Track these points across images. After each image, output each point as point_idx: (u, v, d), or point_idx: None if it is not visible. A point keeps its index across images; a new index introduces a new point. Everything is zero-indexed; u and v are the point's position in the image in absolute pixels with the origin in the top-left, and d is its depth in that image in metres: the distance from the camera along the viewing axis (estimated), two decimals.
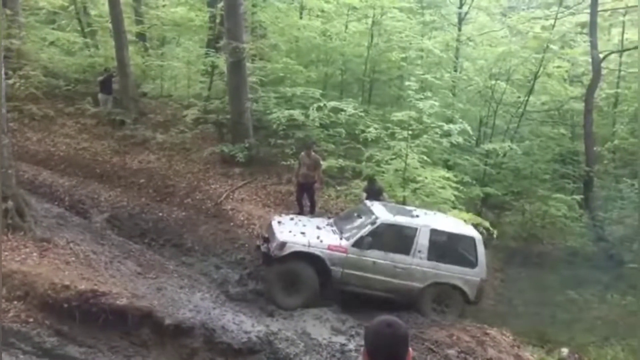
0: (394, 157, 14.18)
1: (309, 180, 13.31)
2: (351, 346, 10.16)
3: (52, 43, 21.08)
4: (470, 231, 11.25)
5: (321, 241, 10.73)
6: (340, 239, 10.86)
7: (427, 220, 11.15)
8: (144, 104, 18.65)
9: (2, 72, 10.99)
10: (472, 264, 10.91)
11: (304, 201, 13.66)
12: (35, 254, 10.47)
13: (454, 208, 13.86)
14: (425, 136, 14.14)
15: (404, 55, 17.19)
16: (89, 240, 11.62)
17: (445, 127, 14.22)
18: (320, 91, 16.55)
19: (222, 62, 17.38)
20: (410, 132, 13.63)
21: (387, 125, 14.60)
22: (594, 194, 19.25)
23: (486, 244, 11.92)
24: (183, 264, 12.09)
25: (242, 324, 10.16)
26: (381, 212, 11.06)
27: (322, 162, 13.73)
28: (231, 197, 14.78)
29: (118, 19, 17.55)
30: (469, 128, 14.65)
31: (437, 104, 14.17)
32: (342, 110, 15.23)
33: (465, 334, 10.27)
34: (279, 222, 11.43)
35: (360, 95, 18.44)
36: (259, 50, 17.80)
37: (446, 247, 11.07)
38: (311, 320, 10.84)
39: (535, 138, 20.00)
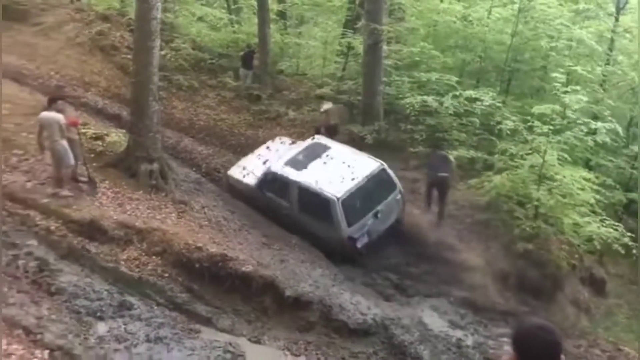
0: (530, 152, 13.38)
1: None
2: (469, 342, 9.91)
3: (200, 18, 22.28)
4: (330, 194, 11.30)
5: (243, 177, 12.83)
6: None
7: (306, 176, 11.69)
8: (280, 80, 19.20)
9: (158, 44, 11.80)
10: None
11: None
12: (173, 215, 11.23)
13: (593, 212, 12.86)
14: (568, 132, 13.16)
15: (552, 44, 16.11)
16: (221, 207, 12.24)
17: (593, 124, 13.15)
18: (456, 78, 15.98)
19: (358, 43, 17.40)
20: (551, 127, 12.78)
21: (525, 118, 13.79)
22: None
23: (626, 255, 11.03)
24: (305, 239, 12.33)
25: (359, 305, 10.24)
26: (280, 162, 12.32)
27: (452, 152, 13.44)
28: None
29: None
30: (619, 128, 13.43)
31: (584, 98, 13.10)
32: (478, 99, 14.62)
33: (596, 348, 9.58)
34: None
35: (498, 84, 17.58)
36: (396, 33, 17.55)
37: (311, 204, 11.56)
38: (428, 310, 10.70)
39: None
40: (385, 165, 12.07)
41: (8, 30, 16.84)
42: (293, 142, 13.95)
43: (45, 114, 10.23)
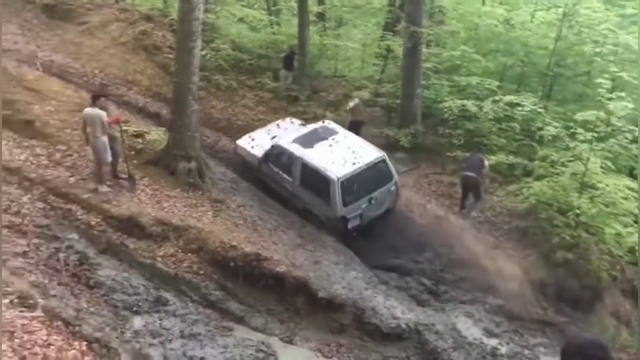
0: (572, 159, 13.09)
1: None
2: (504, 351, 9.75)
3: (240, 19, 22.46)
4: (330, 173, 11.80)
5: (251, 148, 13.45)
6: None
7: (311, 154, 12.24)
8: (318, 82, 19.22)
9: (199, 44, 11.95)
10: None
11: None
12: (210, 213, 11.36)
13: (636, 222, 12.49)
14: (612, 140, 12.83)
15: (597, 49, 15.71)
16: (257, 206, 12.32)
17: (638, 132, 12.79)
18: (497, 83, 15.76)
19: (397, 46, 17.29)
20: (595, 134, 12.47)
21: (568, 125, 13.50)
22: None
23: None
24: (339, 241, 12.31)
25: (393, 309, 10.18)
26: (288, 139, 12.87)
27: (491, 157, 13.29)
28: None
29: None
30: None
31: (630, 105, 12.75)
32: (519, 104, 14.38)
33: None
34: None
35: (540, 89, 17.24)
36: (436, 36, 17.39)
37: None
38: (463, 317, 10.56)
39: None
40: (386, 157, 12.57)
41: (55, 29, 17.35)
42: (302, 124, 14.44)
43: (89, 110, 10.49)
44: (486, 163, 13.24)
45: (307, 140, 12.76)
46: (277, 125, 14.56)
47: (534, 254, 12.45)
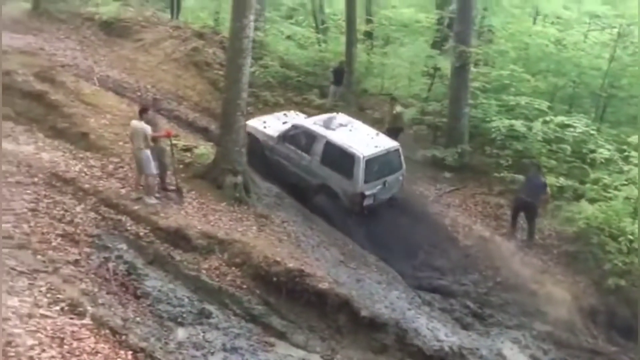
0: (626, 183, 12.71)
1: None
2: None
3: (289, 37, 22.84)
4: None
5: (264, 128, 14.25)
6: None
7: (335, 134, 13.12)
8: (364, 99, 19.28)
9: (249, 61, 12.19)
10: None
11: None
12: (254, 228, 11.46)
13: None
14: None
15: None
16: (301, 222, 12.37)
17: None
18: (547, 103, 15.50)
19: (445, 64, 17.21)
20: None
21: (621, 147, 13.14)
22: None
23: None
24: (382, 260, 12.22)
25: (436, 331, 10.01)
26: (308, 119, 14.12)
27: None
28: (437, 201, 14.59)
29: (352, 17, 18.42)
30: None
31: None
32: (570, 126, 14.08)
33: None
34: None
35: (592, 111, 16.85)
36: (484, 56, 17.26)
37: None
38: (508, 343, 10.32)
39: None
40: (400, 147, 13.50)
41: (112, 45, 18.02)
42: (308, 117, 15.05)
43: (135, 123, 10.81)
44: (548, 189, 12.89)
45: (328, 124, 13.61)
46: (285, 114, 15.39)
47: (584, 280, 12.08)
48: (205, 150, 13.14)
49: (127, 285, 8.99)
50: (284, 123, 14.48)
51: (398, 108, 15.96)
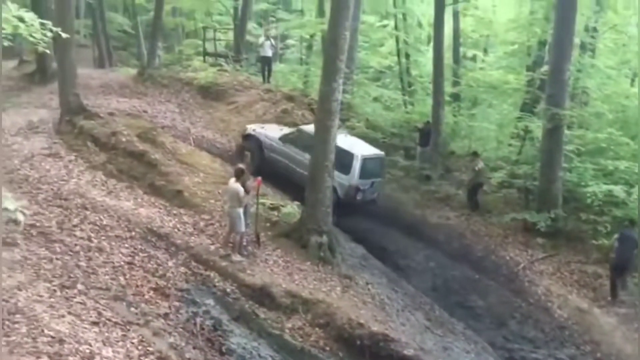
0: None
1: None
2: None
3: (375, 99, 23.23)
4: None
5: (265, 130, 16.41)
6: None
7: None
8: (451, 161, 19.07)
9: (336, 123, 12.45)
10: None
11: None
12: (338, 288, 11.39)
13: None
14: None
15: None
16: (385, 284, 12.17)
17: None
18: None
19: (536, 126, 16.79)
20: None
21: None
22: None
23: None
24: (470, 328, 11.71)
25: None
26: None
27: None
28: (529, 268, 13.94)
29: (439, 80, 18.50)
30: None
31: None
32: None
33: None
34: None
35: None
36: (579, 118, 16.69)
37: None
38: None
39: None
40: (384, 156, 15.92)
41: (207, 108, 19.09)
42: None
43: (232, 183, 11.21)
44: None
45: None
46: (281, 129, 16.90)
47: None
48: (291, 209, 13.37)
49: (213, 341, 9.09)
50: (281, 130, 16.49)
51: (480, 164, 16.35)
